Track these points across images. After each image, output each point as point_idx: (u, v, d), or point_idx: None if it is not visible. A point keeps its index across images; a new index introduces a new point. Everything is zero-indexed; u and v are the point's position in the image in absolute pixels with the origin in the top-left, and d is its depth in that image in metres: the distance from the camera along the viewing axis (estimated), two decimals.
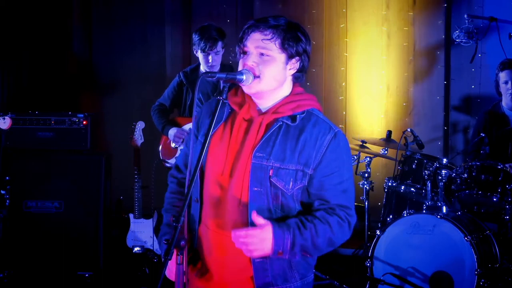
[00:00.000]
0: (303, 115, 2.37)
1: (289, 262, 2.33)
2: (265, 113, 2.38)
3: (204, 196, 2.41)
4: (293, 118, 2.36)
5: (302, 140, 2.31)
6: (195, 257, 2.44)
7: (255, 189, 2.29)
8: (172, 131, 4.91)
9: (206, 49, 4.68)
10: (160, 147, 5.09)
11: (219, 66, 4.83)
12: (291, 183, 2.30)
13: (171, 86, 5.04)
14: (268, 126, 2.36)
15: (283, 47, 2.33)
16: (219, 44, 4.72)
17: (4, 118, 3.56)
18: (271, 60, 2.34)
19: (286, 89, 2.41)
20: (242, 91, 2.42)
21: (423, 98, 6.18)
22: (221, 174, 2.35)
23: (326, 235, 2.29)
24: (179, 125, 4.96)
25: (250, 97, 2.41)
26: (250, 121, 2.38)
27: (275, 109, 2.37)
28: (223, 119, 2.43)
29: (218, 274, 2.38)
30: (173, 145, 4.98)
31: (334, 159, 2.32)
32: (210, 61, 4.71)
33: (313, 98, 2.45)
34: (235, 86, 2.44)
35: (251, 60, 2.34)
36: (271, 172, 2.29)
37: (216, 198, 2.37)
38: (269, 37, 2.32)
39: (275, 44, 2.33)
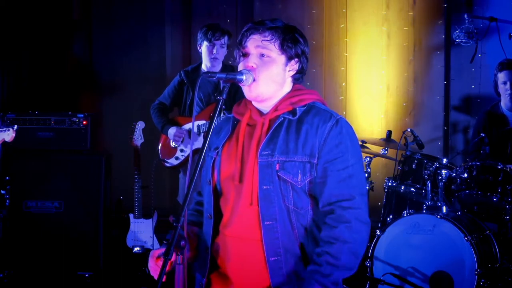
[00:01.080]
0: (304, 108, 2.37)
1: (305, 259, 2.31)
2: (267, 113, 2.40)
3: (222, 209, 2.41)
4: (293, 112, 2.37)
5: (304, 131, 2.32)
6: (213, 269, 2.43)
7: (265, 187, 2.30)
8: (171, 131, 4.91)
9: (213, 39, 4.69)
10: (160, 146, 5.09)
11: (221, 65, 4.83)
12: (299, 175, 2.29)
13: (171, 84, 5.04)
14: (271, 125, 2.37)
15: (283, 48, 2.36)
16: (226, 37, 4.74)
17: (8, 130, 3.54)
18: (271, 61, 2.36)
19: (286, 89, 2.43)
20: (245, 102, 2.45)
21: (423, 98, 6.18)
22: (232, 181, 2.36)
23: (344, 250, 2.25)
24: (179, 125, 4.96)
25: (251, 103, 2.43)
26: (253, 126, 2.40)
27: (275, 107, 2.39)
28: (229, 132, 2.46)
29: (237, 279, 2.37)
30: (172, 144, 4.98)
31: (336, 145, 2.30)
32: (214, 51, 4.71)
33: (314, 93, 2.46)
34: (235, 86, 2.45)
35: (252, 61, 2.36)
36: (277, 166, 2.29)
37: (231, 206, 2.38)
38: (269, 38, 2.35)
39: (274, 45, 2.35)
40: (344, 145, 2.31)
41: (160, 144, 5.09)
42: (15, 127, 3.58)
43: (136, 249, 5.09)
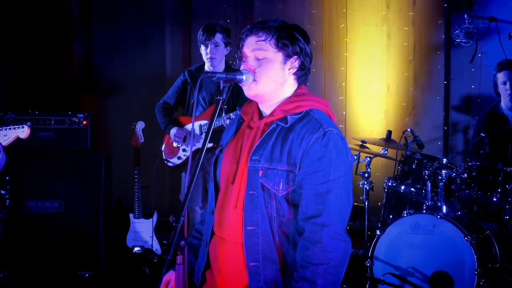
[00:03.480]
0: (297, 116, 2.34)
1: (284, 268, 2.32)
2: (264, 117, 2.40)
3: (216, 207, 2.43)
4: (285, 120, 2.34)
5: (289, 140, 2.29)
6: (208, 265, 2.45)
7: (251, 192, 2.30)
8: (173, 131, 4.92)
9: (204, 40, 4.73)
10: (163, 146, 5.09)
11: (222, 63, 4.83)
12: (281, 184, 2.27)
13: (175, 84, 5.04)
14: (265, 130, 2.37)
15: (278, 46, 2.34)
16: (217, 35, 4.74)
17: (23, 127, 3.58)
18: (267, 62, 2.35)
19: (288, 90, 2.40)
20: (252, 102, 2.45)
21: (423, 98, 6.18)
22: (226, 182, 2.38)
23: (319, 272, 2.21)
24: (181, 124, 4.97)
25: (257, 105, 2.43)
26: (253, 128, 2.40)
27: (272, 112, 2.38)
28: (234, 130, 2.47)
29: (220, 280, 2.39)
30: (175, 144, 4.98)
31: (318, 158, 2.25)
32: (208, 52, 4.74)
33: (315, 99, 2.40)
34: (237, 86, 2.44)
35: (249, 64, 2.36)
36: (260, 173, 2.29)
37: (220, 206, 2.40)
38: (263, 38, 2.34)
39: (270, 44, 2.34)
40: (327, 159, 2.26)
41: (164, 144, 5.09)
42: (29, 123, 3.62)
43: (136, 249, 5.09)
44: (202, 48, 4.81)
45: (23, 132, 3.59)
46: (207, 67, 4.86)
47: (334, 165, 2.26)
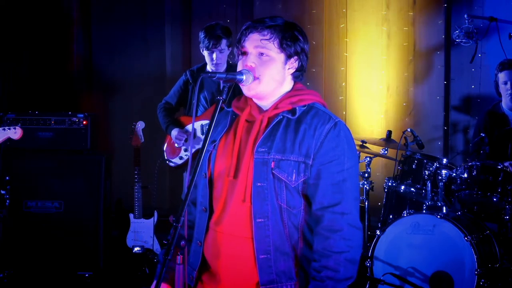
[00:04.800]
0: (304, 108, 2.37)
1: (294, 259, 2.32)
2: (266, 111, 2.39)
3: (213, 204, 2.41)
4: (293, 111, 2.36)
5: (301, 131, 2.31)
6: (204, 264, 2.43)
7: (259, 184, 2.29)
8: (174, 132, 4.91)
9: (210, 47, 4.70)
10: (165, 146, 5.08)
11: (225, 65, 4.82)
12: (294, 175, 2.29)
13: (177, 84, 5.03)
14: (269, 122, 2.36)
15: (282, 47, 2.35)
16: (223, 42, 4.72)
17: (15, 128, 3.58)
18: (270, 61, 2.35)
19: (287, 87, 2.42)
20: (246, 98, 2.44)
21: (423, 98, 6.18)
22: (227, 177, 2.35)
23: (341, 261, 2.25)
24: (182, 125, 4.96)
25: (252, 99, 2.43)
26: (252, 122, 2.39)
27: (275, 105, 2.38)
28: (227, 126, 2.45)
29: (225, 276, 2.37)
30: (176, 145, 4.98)
31: (333, 148, 2.29)
32: (214, 59, 4.71)
33: (315, 94, 2.45)
34: (238, 87, 2.44)
35: (251, 61, 2.35)
36: (272, 164, 2.29)
37: (223, 201, 2.37)
38: (268, 37, 2.33)
39: (273, 44, 2.34)
40: (341, 148, 2.31)
41: (165, 144, 5.08)
42: (20, 125, 3.63)
43: (136, 249, 5.09)
44: (206, 53, 4.75)
45: (15, 133, 3.59)
46: (210, 69, 4.85)
47: (347, 154, 2.32)
